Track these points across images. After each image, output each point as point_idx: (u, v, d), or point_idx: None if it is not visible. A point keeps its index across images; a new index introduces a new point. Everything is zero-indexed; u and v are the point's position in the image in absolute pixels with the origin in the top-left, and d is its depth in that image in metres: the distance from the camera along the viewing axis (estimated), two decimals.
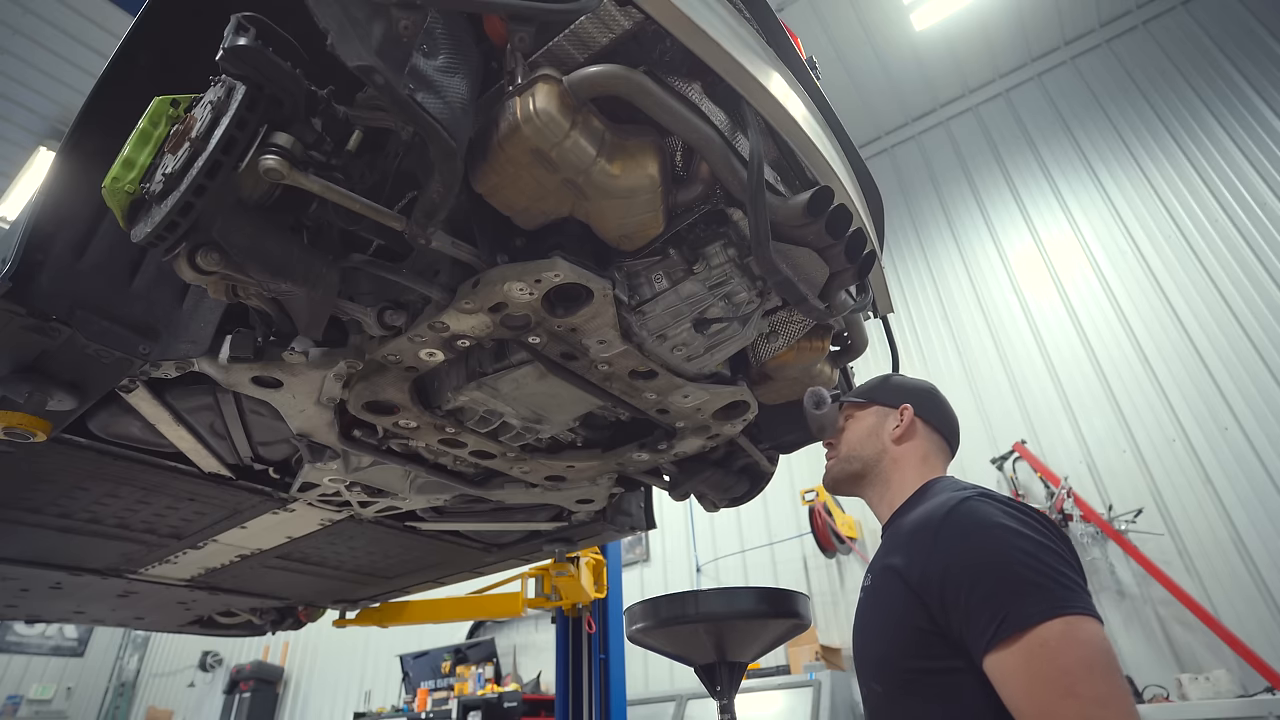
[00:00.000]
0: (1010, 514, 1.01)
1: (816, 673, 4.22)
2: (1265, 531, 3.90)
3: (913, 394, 1.37)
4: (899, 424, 1.32)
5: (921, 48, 6.25)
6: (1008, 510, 1.02)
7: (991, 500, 1.05)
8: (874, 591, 1.16)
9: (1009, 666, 0.90)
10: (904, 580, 1.05)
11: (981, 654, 0.92)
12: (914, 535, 1.08)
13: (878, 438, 1.34)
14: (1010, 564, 0.95)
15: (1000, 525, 0.99)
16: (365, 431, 1.38)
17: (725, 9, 0.90)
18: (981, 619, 0.92)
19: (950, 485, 1.19)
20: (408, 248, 1.00)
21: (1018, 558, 0.95)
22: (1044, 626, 0.88)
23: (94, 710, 10.75)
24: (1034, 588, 0.92)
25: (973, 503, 1.04)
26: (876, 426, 1.35)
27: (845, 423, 1.40)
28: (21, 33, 6.11)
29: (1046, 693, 0.86)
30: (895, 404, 1.35)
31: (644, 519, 2.11)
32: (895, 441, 1.31)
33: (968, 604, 0.95)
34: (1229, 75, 5.19)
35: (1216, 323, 4.52)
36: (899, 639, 1.05)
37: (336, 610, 2.97)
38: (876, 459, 1.33)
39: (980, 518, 1.01)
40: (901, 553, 1.09)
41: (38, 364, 1.10)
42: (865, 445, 1.35)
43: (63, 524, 1.71)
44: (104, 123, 0.97)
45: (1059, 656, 0.87)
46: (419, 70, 0.74)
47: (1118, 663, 0.89)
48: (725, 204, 0.97)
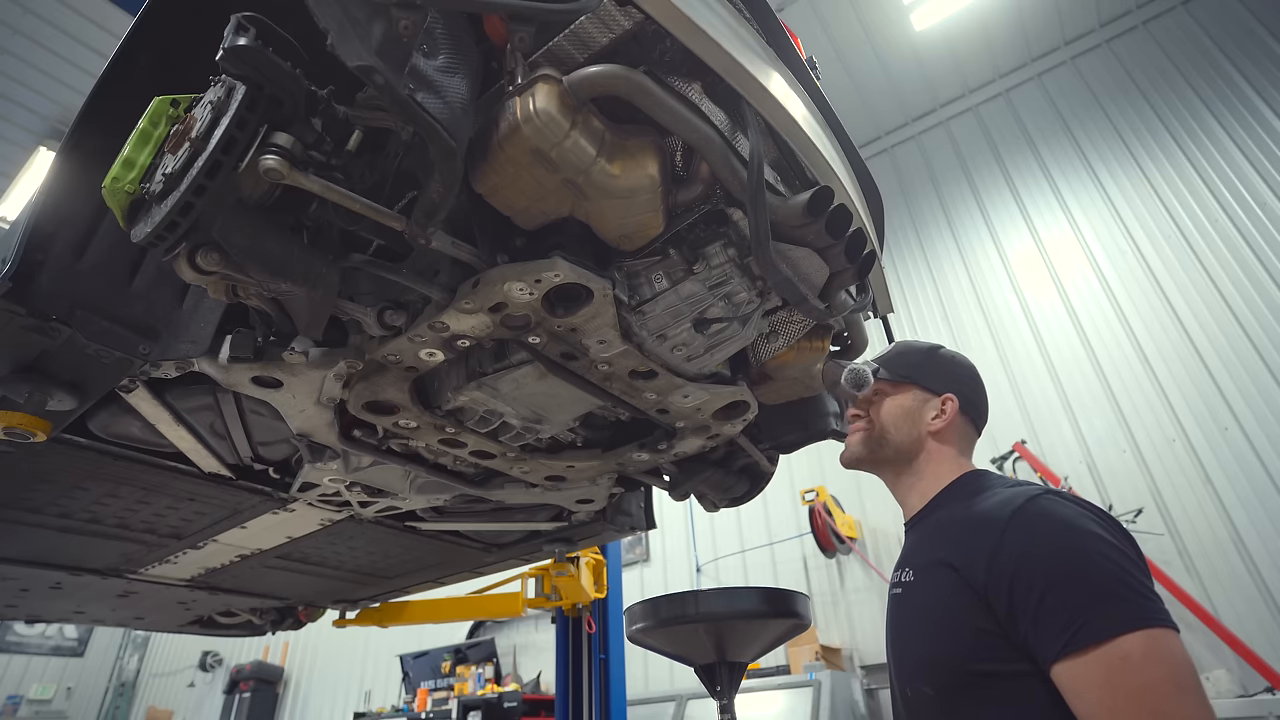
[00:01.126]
0: (1086, 515, 0.97)
1: (816, 673, 4.23)
2: (1265, 531, 3.90)
3: (958, 383, 1.28)
4: (939, 414, 1.24)
5: (921, 48, 6.26)
6: (1083, 511, 0.97)
7: (1063, 499, 1.00)
8: (918, 589, 1.10)
9: (1086, 679, 0.85)
10: (962, 578, 1.00)
11: (1051, 661, 0.88)
12: (974, 531, 1.02)
13: (914, 424, 1.24)
14: (1089, 568, 0.90)
15: (1077, 526, 0.94)
16: (365, 431, 1.38)
17: (725, 9, 0.90)
18: (1054, 624, 0.88)
19: (1002, 481, 1.14)
20: (408, 248, 1.00)
21: (1097, 562, 0.90)
22: (1127, 639, 0.84)
23: (94, 710, 10.75)
24: (1114, 596, 0.87)
25: (1044, 500, 0.99)
26: (915, 411, 1.25)
27: (882, 397, 1.29)
28: (21, 33, 6.11)
29: (1131, 710, 0.82)
30: (939, 391, 1.26)
31: (644, 519, 2.11)
32: (934, 435, 1.23)
33: (1039, 607, 0.90)
34: (1229, 75, 5.19)
35: (1216, 323, 4.52)
36: (956, 639, 0.99)
37: (336, 610, 2.97)
38: (911, 448, 1.24)
39: (1056, 517, 0.96)
40: (957, 548, 1.03)
41: (38, 364, 1.10)
42: (900, 429, 1.25)
43: (63, 524, 1.71)
44: (104, 123, 0.97)
45: (1143, 672, 0.82)
46: (419, 70, 0.74)
47: (1200, 681, 0.85)
48: (725, 204, 0.97)
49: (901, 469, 1.26)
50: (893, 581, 1.20)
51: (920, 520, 1.21)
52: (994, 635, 0.95)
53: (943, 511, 1.15)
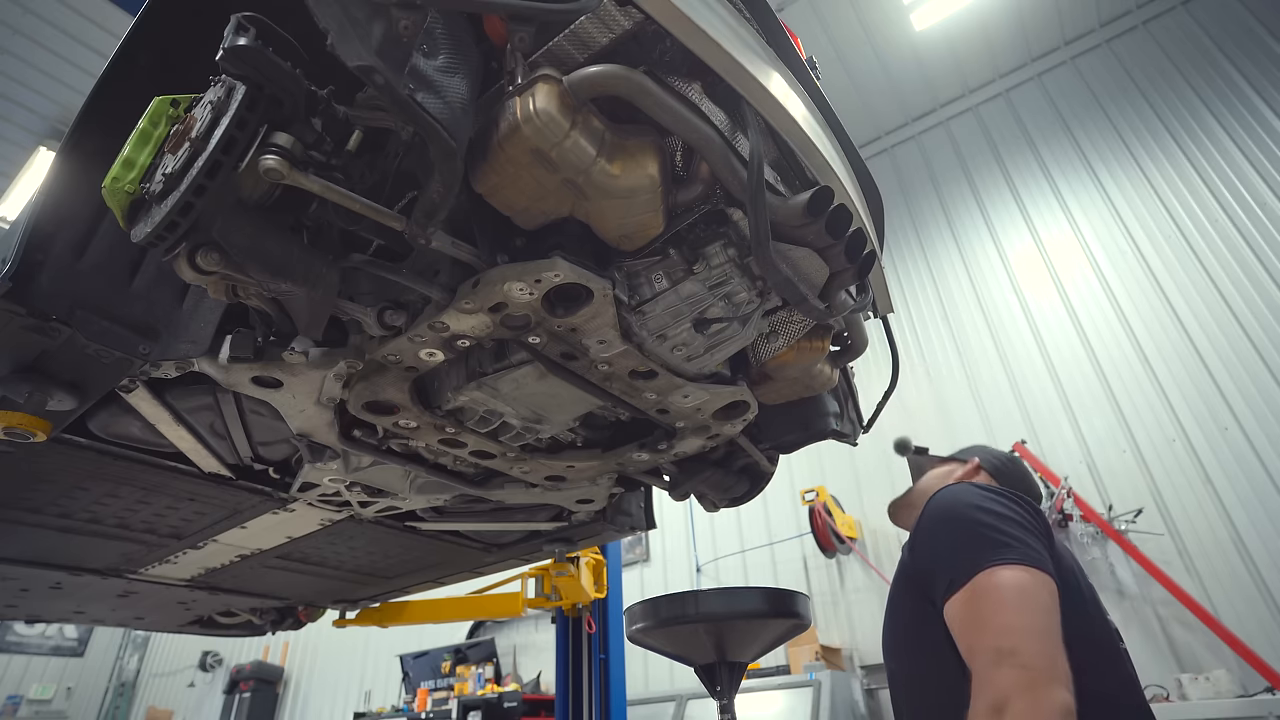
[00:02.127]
0: (973, 493, 1.19)
1: (816, 673, 4.23)
2: (1265, 531, 3.90)
3: (985, 455, 1.66)
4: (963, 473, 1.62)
5: (921, 48, 6.26)
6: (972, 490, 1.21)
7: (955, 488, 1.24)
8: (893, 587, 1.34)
9: (954, 615, 1.06)
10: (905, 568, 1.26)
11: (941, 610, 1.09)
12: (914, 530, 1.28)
13: (943, 481, 1.61)
14: (960, 530, 1.13)
15: (958, 501, 1.18)
16: (365, 431, 1.38)
17: (725, 9, 0.90)
18: (941, 578, 1.10)
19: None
20: (408, 248, 1.00)
21: (966, 525, 1.13)
22: (978, 577, 1.04)
23: (94, 710, 10.75)
24: (976, 548, 1.08)
25: (945, 490, 1.24)
26: (947, 474, 1.65)
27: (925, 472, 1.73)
28: (21, 33, 6.11)
29: (970, 631, 1.02)
30: (966, 460, 1.66)
31: (644, 519, 2.11)
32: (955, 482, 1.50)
33: (935, 568, 1.14)
34: (1229, 75, 5.19)
35: (1216, 323, 4.52)
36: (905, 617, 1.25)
37: (336, 610, 2.97)
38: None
39: (946, 499, 1.21)
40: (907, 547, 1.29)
41: (38, 364, 1.09)
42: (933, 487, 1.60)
43: (63, 524, 1.71)
44: (104, 123, 0.97)
45: (982, 600, 1.02)
46: (419, 70, 0.74)
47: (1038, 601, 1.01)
48: (725, 204, 0.97)
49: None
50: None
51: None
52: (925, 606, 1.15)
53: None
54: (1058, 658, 0.94)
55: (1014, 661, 0.92)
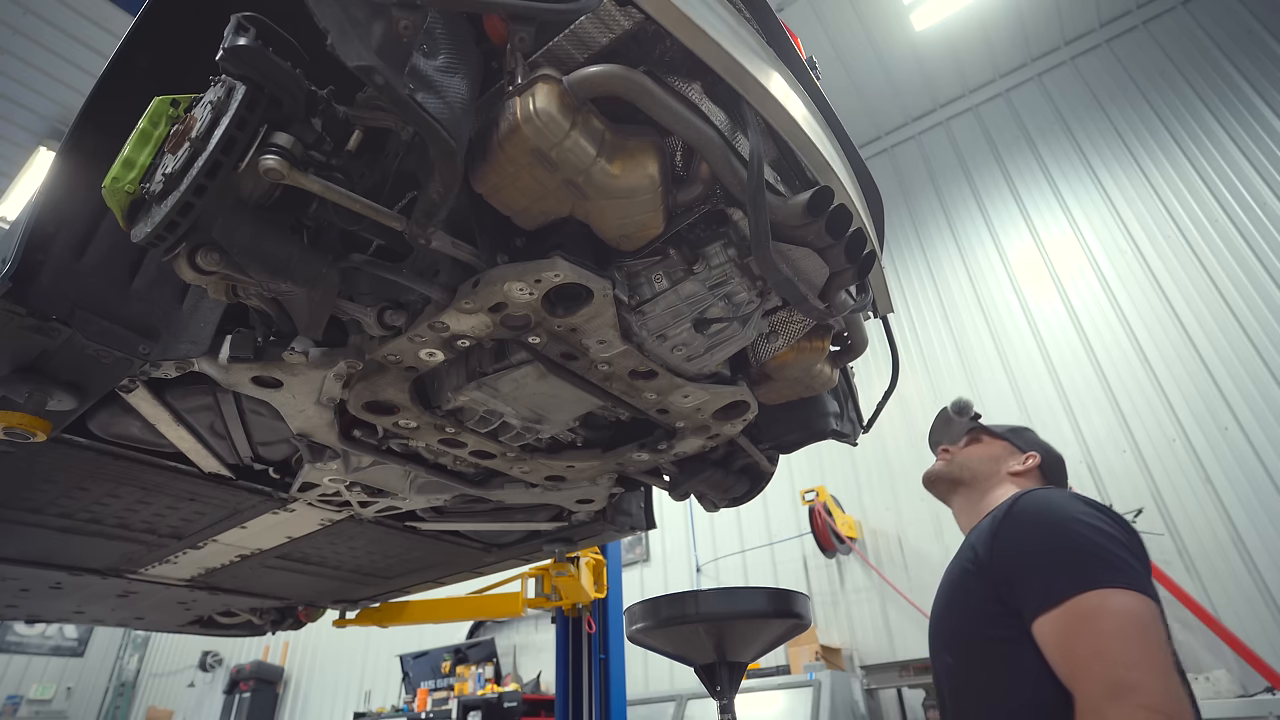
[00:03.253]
0: (1072, 502, 1.14)
1: (816, 673, 4.23)
2: (1265, 531, 3.90)
3: (1044, 450, 1.52)
4: (1020, 465, 1.47)
5: (921, 48, 6.26)
6: (1071, 499, 1.15)
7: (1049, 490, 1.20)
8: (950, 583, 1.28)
9: (1051, 633, 1.00)
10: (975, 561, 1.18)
11: (1030, 621, 1.03)
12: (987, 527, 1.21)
13: (996, 464, 1.48)
14: (1061, 541, 1.07)
15: (1057, 509, 1.12)
16: (365, 431, 1.38)
17: (725, 9, 0.90)
18: (1032, 589, 1.04)
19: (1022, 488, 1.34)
20: (408, 248, 1.00)
21: (1068, 535, 1.06)
22: (1085, 596, 0.98)
23: (94, 710, 10.76)
24: (1079, 563, 1.02)
25: (1036, 493, 1.18)
26: (1000, 456, 1.50)
27: (968, 442, 1.56)
28: (21, 33, 6.11)
29: (1078, 657, 0.96)
30: (1024, 449, 1.51)
31: (644, 519, 2.11)
32: (1011, 475, 1.45)
33: (1022, 576, 1.07)
34: (1229, 75, 5.19)
35: (1216, 323, 4.52)
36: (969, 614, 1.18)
37: (336, 610, 2.97)
38: (985, 478, 1.47)
39: (1040, 503, 1.15)
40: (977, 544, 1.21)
41: (38, 364, 1.10)
42: (983, 464, 1.49)
43: (63, 524, 1.71)
44: (104, 123, 0.97)
45: (1095, 624, 0.96)
46: (419, 70, 0.74)
47: (1156, 634, 0.96)
48: (725, 204, 0.97)
49: (970, 493, 1.48)
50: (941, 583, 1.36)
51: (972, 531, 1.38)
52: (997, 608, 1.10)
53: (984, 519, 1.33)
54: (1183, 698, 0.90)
55: (1138, 700, 0.88)
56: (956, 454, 1.54)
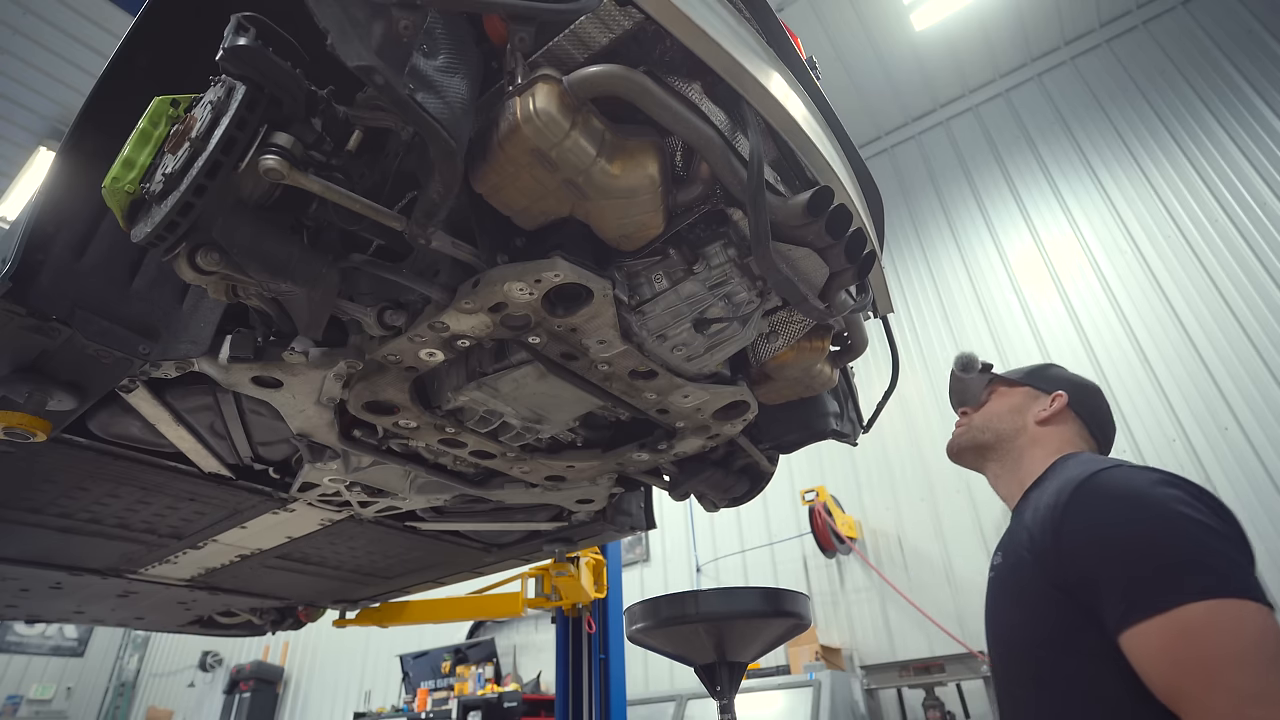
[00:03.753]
0: (1161, 483, 0.92)
1: (816, 673, 4.23)
2: (1265, 531, 3.90)
3: (1070, 385, 1.31)
4: (1047, 409, 1.26)
5: (921, 48, 6.26)
6: (1158, 478, 0.94)
7: (1138, 469, 0.97)
8: (1006, 570, 1.10)
9: (1146, 649, 0.83)
10: (1038, 557, 0.99)
11: (1116, 631, 0.86)
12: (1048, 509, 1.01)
13: (1020, 415, 1.28)
14: (1154, 536, 0.87)
15: (1144, 495, 0.92)
16: (365, 431, 1.38)
17: (725, 9, 0.90)
18: (1117, 593, 0.86)
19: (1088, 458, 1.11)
20: (408, 248, 1.00)
21: (1163, 529, 0.87)
22: (1189, 608, 0.80)
23: (94, 710, 10.76)
24: (1178, 564, 0.84)
25: (1110, 472, 0.97)
26: (1022, 405, 1.30)
27: (988, 397, 1.37)
28: (21, 33, 6.11)
29: (1191, 682, 0.79)
30: (1048, 390, 1.30)
31: (644, 519, 2.11)
32: (1039, 423, 1.26)
33: (1103, 577, 0.88)
34: (1229, 75, 5.19)
35: (1216, 323, 4.52)
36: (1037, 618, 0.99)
37: (336, 610, 2.97)
38: (1012, 435, 1.27)
39: (1122, 486, 0.94)
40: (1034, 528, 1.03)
41: (38, 364, 1.10)
42: (1005, 419, 1.29)
43: (63, 524, 1.71)
44: (104, 123, 0.97)
45: (1203, 643, 0.79)
46: (419, 70, 0.74)
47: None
48: (725, 204, 0.97)
49: (1002, 457, 1.28)
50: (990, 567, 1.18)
51: (1018, 507, 1.19)
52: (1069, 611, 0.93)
53: (1034, 493, 1.14)
54: None
55: None
56: (975, 415, 1.35)
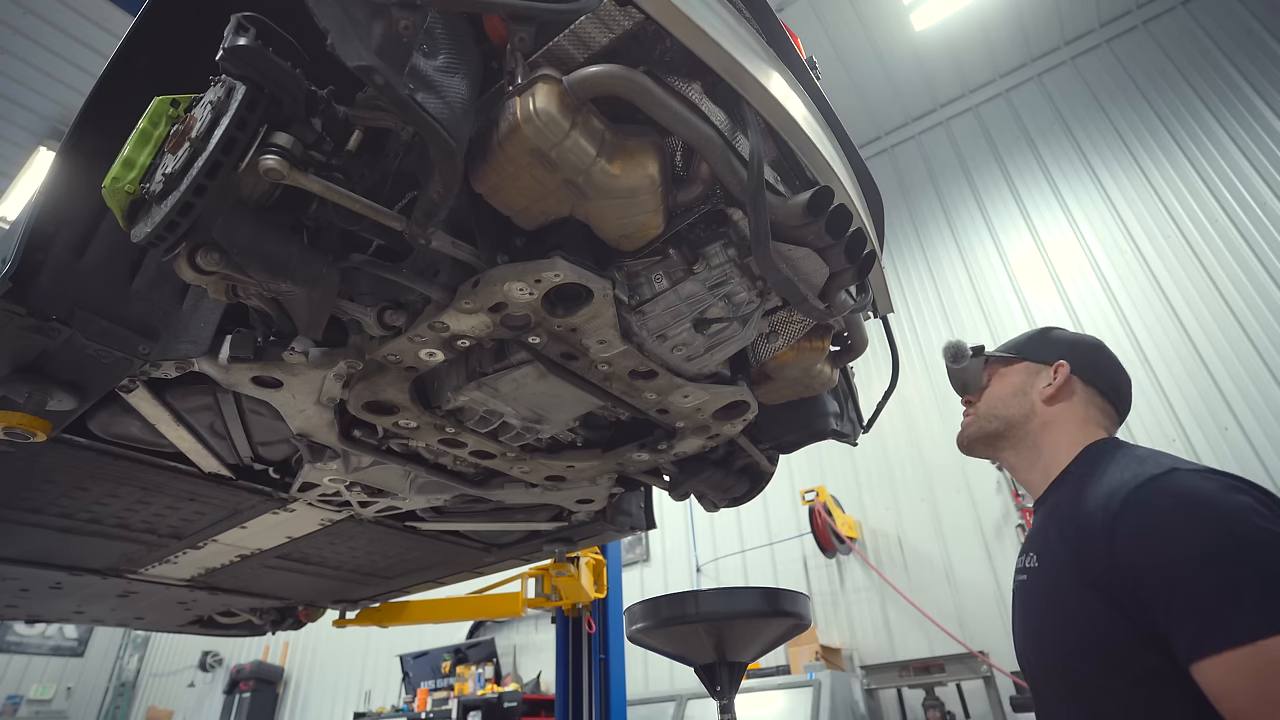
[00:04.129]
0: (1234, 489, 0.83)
1: (816, 673, 4.23)
2: None
3: (1071, 349, 1.22)
4: (1051, 382, 1.18)
5: (921, 48, 6.26)
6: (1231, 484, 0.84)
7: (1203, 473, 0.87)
8: (1042, 576, 1.01)
9: (1228, 683, 0.75)
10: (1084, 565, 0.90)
11: (1189, 659, 0.78)
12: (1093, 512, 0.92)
13: (1025, 396, 1.20)
14: (1233, 554, 0.78)
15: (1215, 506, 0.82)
16: (365, 431, 1.38)
17: (725, 9, 0.90)
18: (1192, 619, 0.78)
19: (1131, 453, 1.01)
20: (408, 248, 1.00)
21: (1240, 548, 0.78)
22: (1263, 645, 0.73)
23: (94, 710, 10.76)
24: (1262, 589, 0.75)
25: (1174, 476, 0.87)
26: (1024, 384, 1.21)
27: (989, 380, 1.27)
28: (21, 33, 6.11)
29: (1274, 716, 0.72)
30: (1049, 360, 1.20)
31: (644, 519, 2.11)
32: (1046, 401, 1.17)
33: (1173, 599, 0.79)
34: (1229, 75, 5.19)
35: (1216, 323, 4.52)
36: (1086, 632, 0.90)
37: (336, 610, 2.97)
38: (1023, 420, 1.19)
39: (1186, 496, 0.84)
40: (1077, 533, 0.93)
41: (38, 364, 1.10)
42: (1009, 404, 1.21)
43: (63, 524, 1.71)
44: (104, 123, 0.97)
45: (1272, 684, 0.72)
46: (419, 70, 0.74)
47: None
48: (725, 204, 0.97)
49: (1018, 445, 1.19)
50: (1018, 568, 1.09)
51: (1045, 499, 1.12)
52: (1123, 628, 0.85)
53: (1065, 488, 1.05)
54: None
55: None
56: (979, 403, 1.26)
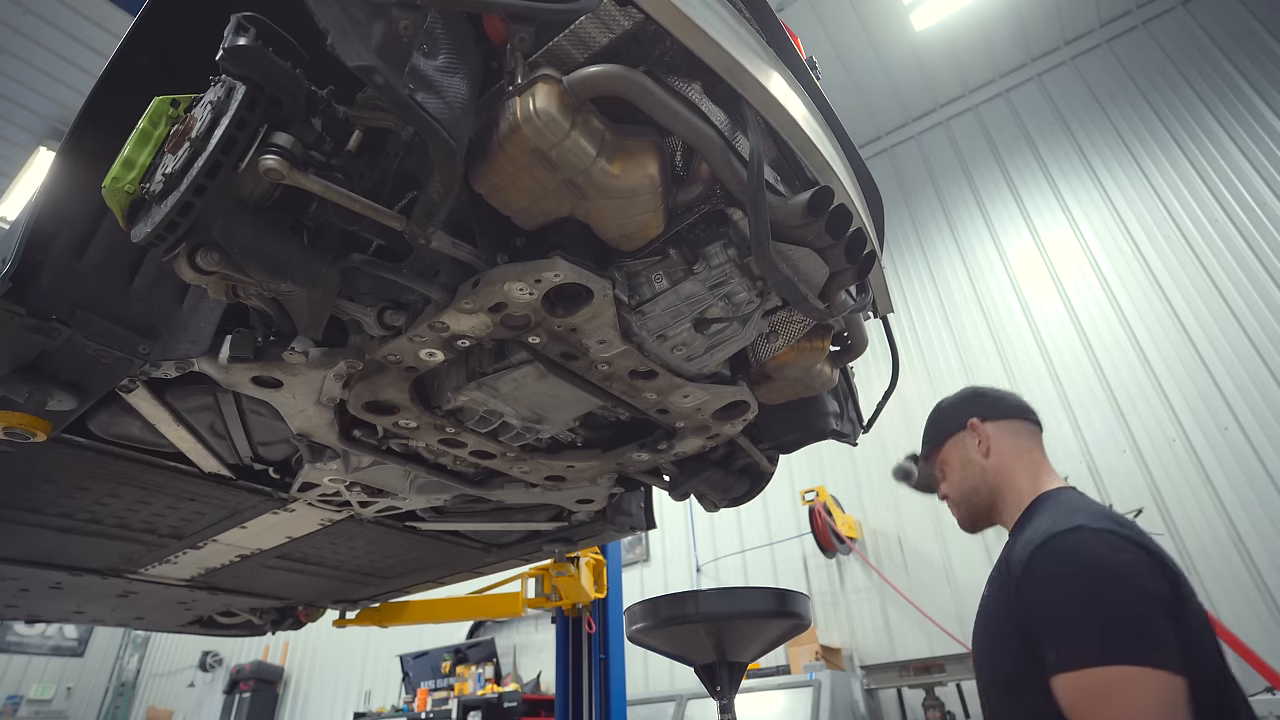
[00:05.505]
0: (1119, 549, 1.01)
1: (816, 673, 4.23)
2: (1265, 531, 3.90)
3: (965, 405, 1.41)
4: (978, 445, 1.36)
5: (921, 48, 6.26)
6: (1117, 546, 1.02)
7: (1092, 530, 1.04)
8: (989, 602, 1.21)
9: (1066, 696, 0.95)
10: (1007, 599, 1.10)
11: (1050, 676, 0.97)
12: (1019, 556, 1.11)
13: (971, 463, 1.37)
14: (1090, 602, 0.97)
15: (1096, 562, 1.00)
16: (365, 431, 1.38)
17: (725, 9, 0.90)
18: (1051, 643, 0.98)
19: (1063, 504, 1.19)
20: (408, 248, 1.00)
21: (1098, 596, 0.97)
22: (1098, 671, 0.91)
23: (94, 710, 10.76)
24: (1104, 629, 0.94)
25: (1075, 534, 1.05)
26: (964, 456, 1.38)
27: (942, 471, 1.43)
28: (21, 33, 6.11)
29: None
30: (960, 425, 1.39)
31: (644, 519, 2.11)
32: (985, 456, 1.35)
33: (1046, 626, 1.00)
34: (1229, 75, 5.19)
35: (1216, 323, 4.52)
36: (1006, 651, 1.11)
37: (336, 610, 2.97)
38: (981, 484, 1.35)
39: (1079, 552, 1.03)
40: (1009, 571, 1.12)
41: (38, 364, 1.10)
42: (968, 477, 1.37)
43: (63, 524, 1.71)
44: (104, 123, 0.97)
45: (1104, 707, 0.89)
46: (419, 70, 0.74)
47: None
48: (725, 204, 0.97)
49: (997, 502, 1.35)
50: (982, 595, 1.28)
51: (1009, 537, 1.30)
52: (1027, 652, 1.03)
53: (1016, 530, 1.26)
54: None
55: None
56: (951, 493, 1.42)
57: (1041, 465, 1.33)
